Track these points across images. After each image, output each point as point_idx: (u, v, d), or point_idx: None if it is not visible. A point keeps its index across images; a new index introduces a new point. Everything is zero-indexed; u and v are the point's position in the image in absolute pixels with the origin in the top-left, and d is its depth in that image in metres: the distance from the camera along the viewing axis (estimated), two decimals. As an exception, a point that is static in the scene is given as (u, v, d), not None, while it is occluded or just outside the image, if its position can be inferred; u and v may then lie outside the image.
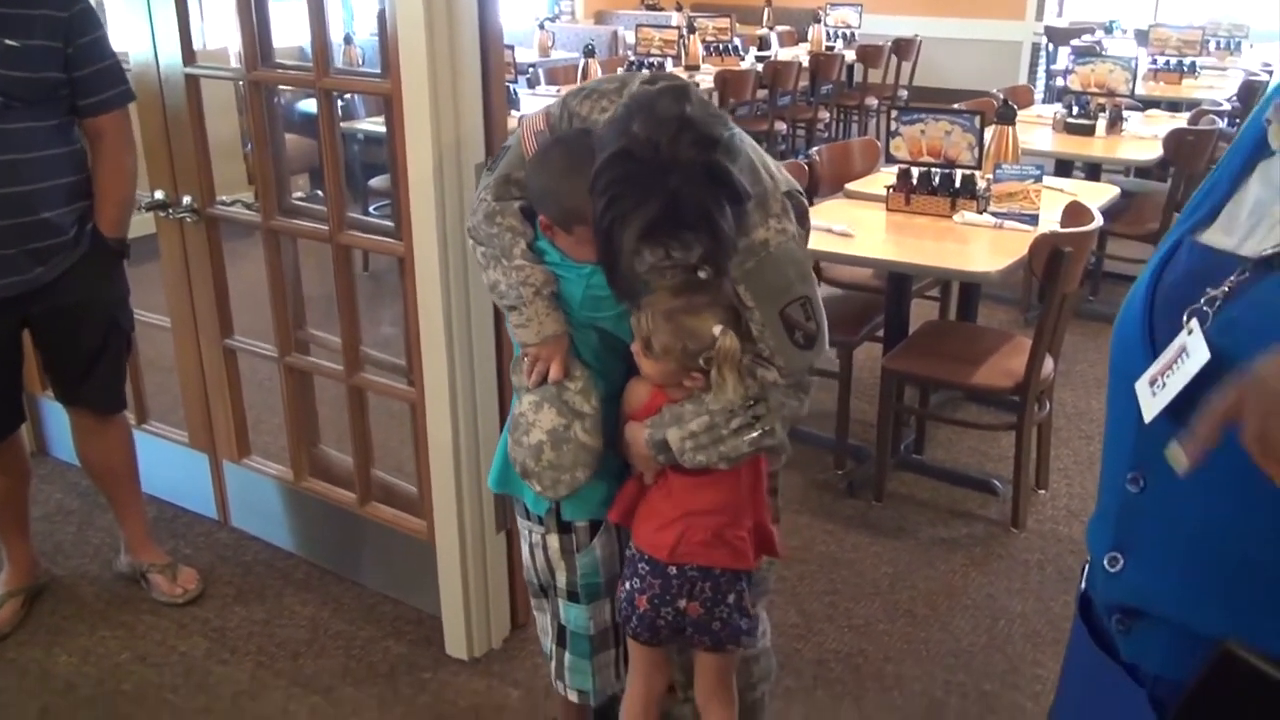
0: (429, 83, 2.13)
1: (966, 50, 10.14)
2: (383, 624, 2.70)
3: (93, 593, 2.83)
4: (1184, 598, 0.92)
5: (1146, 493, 0.94)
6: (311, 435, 2.96)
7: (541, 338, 1.66)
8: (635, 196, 1.40)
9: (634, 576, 1.74)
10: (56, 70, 2.31)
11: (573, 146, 1.60)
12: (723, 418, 1.60)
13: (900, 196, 3.50)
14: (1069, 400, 4.01)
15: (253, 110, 2.58)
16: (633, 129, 1.40)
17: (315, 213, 2.66)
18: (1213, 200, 0.97)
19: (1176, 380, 0.88)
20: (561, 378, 1.68)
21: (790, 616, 2.73)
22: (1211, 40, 7.47)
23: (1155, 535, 0.94)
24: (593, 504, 1.78)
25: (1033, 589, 2.87)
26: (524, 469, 1.73)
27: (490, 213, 1.69)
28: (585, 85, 1.70)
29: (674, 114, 1.40)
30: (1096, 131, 4.85)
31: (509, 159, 1.72)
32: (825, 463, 3.51)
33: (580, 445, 1.68)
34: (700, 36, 7.53)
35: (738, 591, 1.74)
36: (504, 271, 1.67)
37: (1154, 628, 0.95)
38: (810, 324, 1.61)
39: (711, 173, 1.41)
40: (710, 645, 1.76)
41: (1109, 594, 0.99)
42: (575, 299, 1.66)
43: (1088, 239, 3.02)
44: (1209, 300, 0.90)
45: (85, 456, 2.77)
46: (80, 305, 2.50)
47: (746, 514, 1.73)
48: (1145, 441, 0.93)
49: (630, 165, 1.40)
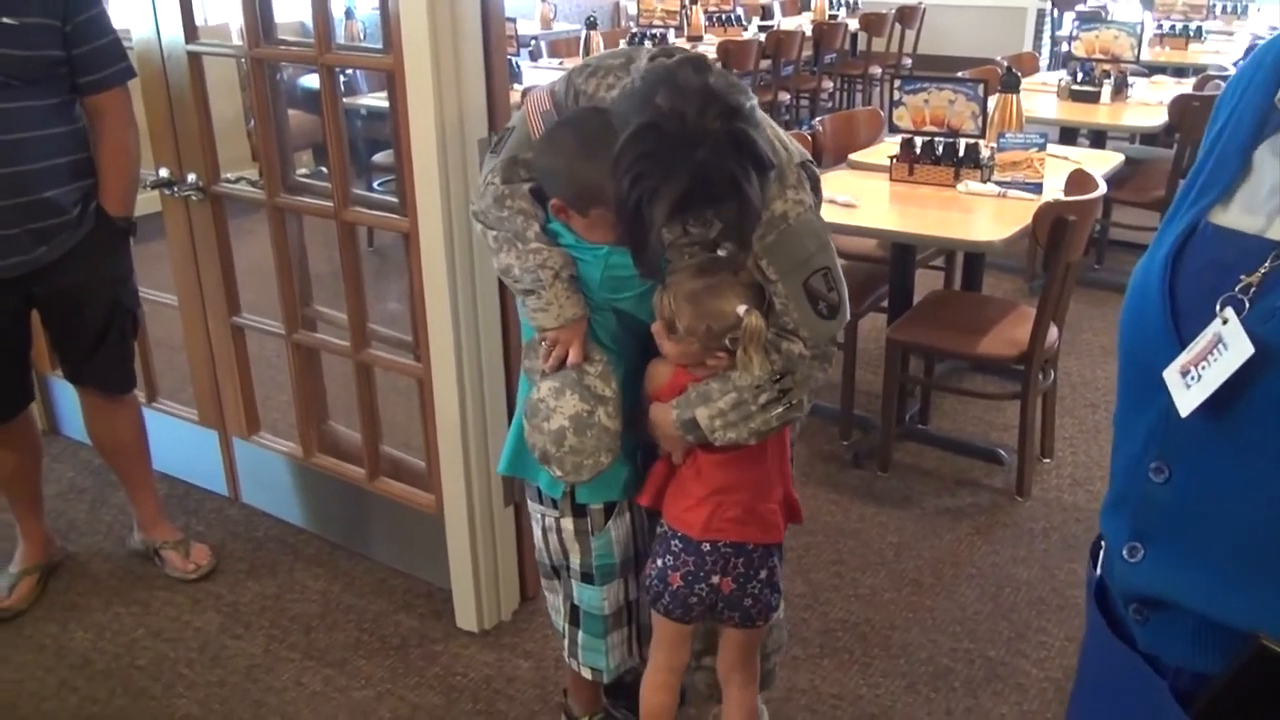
0: (431, 58, 2.13)
1: (970, 17, 10.06)
2: (393, 597, 2.72)
3: (106, 569, 2.86)
4: (1210, 589, 0.90)
5: (1171, 483, 0.92)
6: (320, 411, 2.98)
7: (562, 321, 1.64)
8: (663, 171, 1.37)
9: (666, 554, 1.75)
10: (55, 48, 2.31)
11: (584, 126, 1.57)
12: (750, 394, 1.60)
13: (904, 166, 3.50)
14: (1074, 369, 4.01)
15: (256, 87, 2.58)
16: (656, 101, 1.37)
17: (320, 189, 2.66)
18: (1224, 178, 0.94)
19: (1215, 373, 0.85)
20: (581, 361, 1.67)
21: (797, 586, 2.75)
22: (1217, 4, 7.41)
23: (1180, 526, 0.92)
24: (608, 485, 1.78)
25: (1038, 557, 2.89)
26: (544, 455, 1.71)
27: (499, 196, 1.66)
28: (589, 61, 1.67)
29: (698, 85, 1.37)
30: (1101, 98, 4.83)
31: (515, 140, 1.69)
32: (831, 433, 3.52)
33: (604, 429, 1.68)
34: (702, 7, 7.50)
35: (770, 567, 1.75)
36: (519, 255, 1.64)
37: (1176, 619, 0.93)
38: (833, 294, 1.61)
39: (738, 142, 1.39)
40: (740, 621, 1.78)
41: (1127, 584, 0.97)
42: (594, 281, 1.64)
43: (1092, 207, 3.01)
44: (1244, 288, 0.87)
45: (96, 435, 2.79)
46: (84, 284, 2.51)
47: (776, 486, 1.75)
48: (1173, 432, 0.90)
49: (656, 138, 1.37)
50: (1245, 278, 0.87)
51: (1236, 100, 0.97)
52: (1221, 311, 0.86)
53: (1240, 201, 0.92)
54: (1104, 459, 3.39)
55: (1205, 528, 0.90)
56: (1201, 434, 0.88)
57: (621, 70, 1.60)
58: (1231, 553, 0.88)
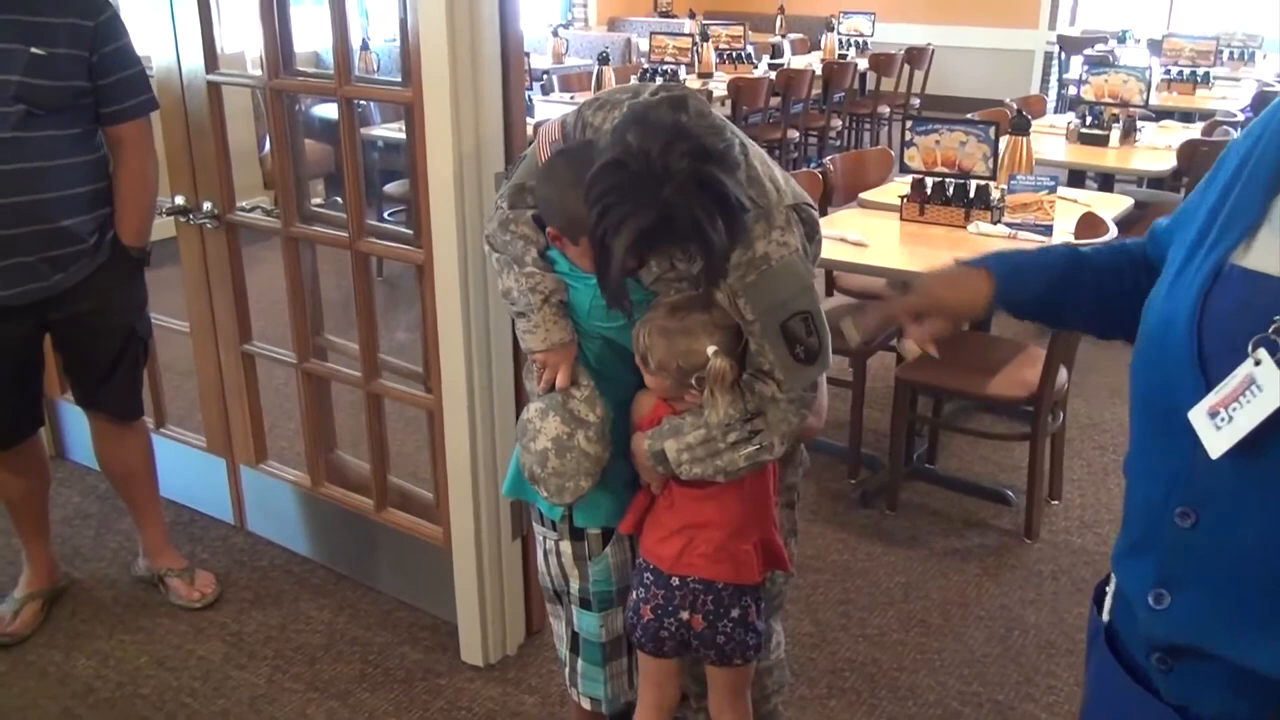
0: (450, 91, 2.15)
1: (979, 59, 10.15)
2: (399, 630, 2.71)
3: (111, 596, 2.85)
4: (1245, 636, 0.88)
5: (1200, 528, 0.90)
6: (328, 441, 2.98)
7: (548, 344, 1.69)
8: (627, 206, 1.39)
9: (640, 586, 1.75)
10: (81, 79, 2.33)
11: (577, 157, 1.59)
12: (719, 431, 1.60)
13: (914, 206, 3.51)
14: (1082, 411, 4.01)
15: (274, 118, 2.60)
16: (627, 138, 1.39)
17: (334, 219, 2.68)
18: (1245, 221, 0.94)
19: (1248, 415, 0.84)
20: (567, 385, 1.70)
21: (804, 626, 2.74)
22: (1225, 50, 7.46)
23: (1210, 572, 0.91)
24: (604, 512, 1.79)
25: (1046, 600, 2.88)
26: (531, 474, 1.75)
27: (504, 220, 1.71)
28: (600, 94, 1.70)
29: (667, 123, 1.38)
30: (1110, 142, 4.86)
31: (524, 167, 1.73)
32: (839, 472, 3.52)
33: (583, 453, 1.69)
34: (713, 44, 7.55)
35: (742, 607, 1.73)
36: (516, 278, 1.69)
37: (1207, 667, 0.92)
38: (812, 339, 1.59)
39: (703, 184, 1.39)
40: (716, 659, 1.76)
41: (1153, 632, 0.96)
42: (583, 308, 1.69)
43: (1103, 250, 3.02)
44: (1277, 329, 0.86)
45: (105, 461, 2.79)
46: (99, 312, 2.52)
47: (752, 529, 1.73)
48: (1201, 475, 0.89)
49: (622, 175, 1.39)
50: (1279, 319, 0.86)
51: (1252, 145, 0.96)
52: (1254, 352, 0.86)
53: (1264, 244, 0.92)
54: (1112, 502, 3.38)
55: (1237, 573, 0.89)
56: (1232, 477, 0.87)
57: (627, 105, 1.62)
58: (1263, 599, 0.87)
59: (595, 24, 10.69)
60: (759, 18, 9.98)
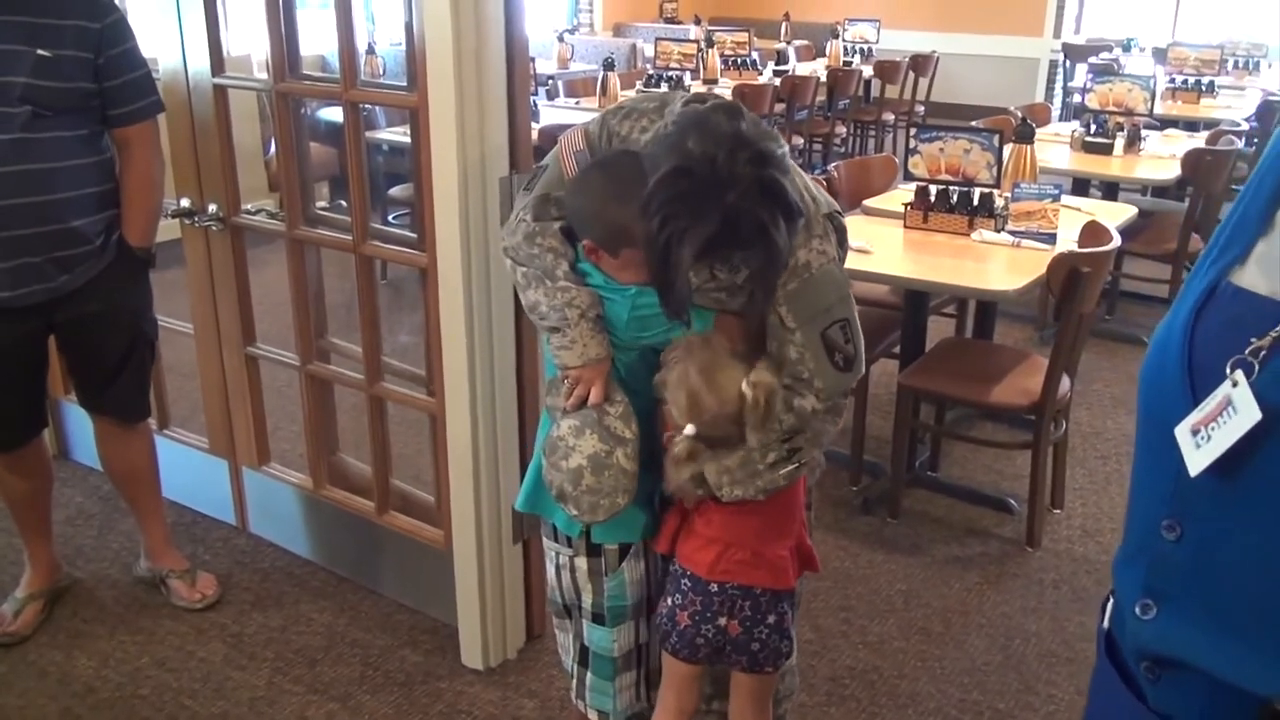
0: (455, 96, 2.15)
1: (984, 66, 10.15)
2: (399, 633, 2.71)
3: (112, 597, 2.85)
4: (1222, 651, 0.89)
5: (1184, 542, 0.91)
6: (331, 443, 2.99)
7: (585, 360, 1.65)
8: (692, 213, 1.39)
9: (676, 592, 1.75)
10: (87, 81, 2.34)
11: (616, 168, 1.59)
12: (759, 453, 1.60)
13: (918, 214, 3.51)
14: (1085, 420, 4.01)
15: (280, 121, 2.60)
16: (687, 146, 1.40)
17: (338, 222, 2.69)
18: (1244, 239, 0.94)
19: (1224, 435, 0.85)
20: (601, 401, 1.67)
21: (805, 633, 2.73)
22: (1230, 59, 7.46)
23: (1192, 586, 0.92)
24: (624, 527, 1.77)
25: (1048, 609, 2.87)
26: (561, 493, 1.71)
27: (530, 234, 1.67)
28: (624, 104, 1.69)
29: (729, 131, 1.40)
30: (1115, 150, 4.85)
31: (547, 178, 1.70)
32: (840, 479, 3.51)
33: (621, 470, 1.66)
34: (719, 50, 7.56)
35: (779, 613, 1.74)
36: (547, 293, 1.65)
37: (1189, 679, 0.92)
38: (849, 346, 1.62)
39: (767, 188, 1.41)
40: (747, 666, 1.76)
41: (1139, 641, 0.97)
42: (621, 320, 1.65)
43: (1106, 259, 3.02)
44: (1254, 351, 0.87)
45: (108, 462, 2.79)
46: (105, 313, 2.53)
47: (788, 534, 1.74)
48: (1185, 490, 0.90)
49: (687, 182, 1.39)
50: (1255, 341, 0.87)
51: (1267, 159, 0.97)
52: (1231, 374, 0.87)
53: (1257, 261, 0.92)
54: (1114, 511, 3.37)
55: (1216, 589, 0.89)
56: (1211, 494, 0.88)
57: (655, 114, 1.62)
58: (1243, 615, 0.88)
59: (601, 29, 10.71)
60: (764, 24, 9.99)
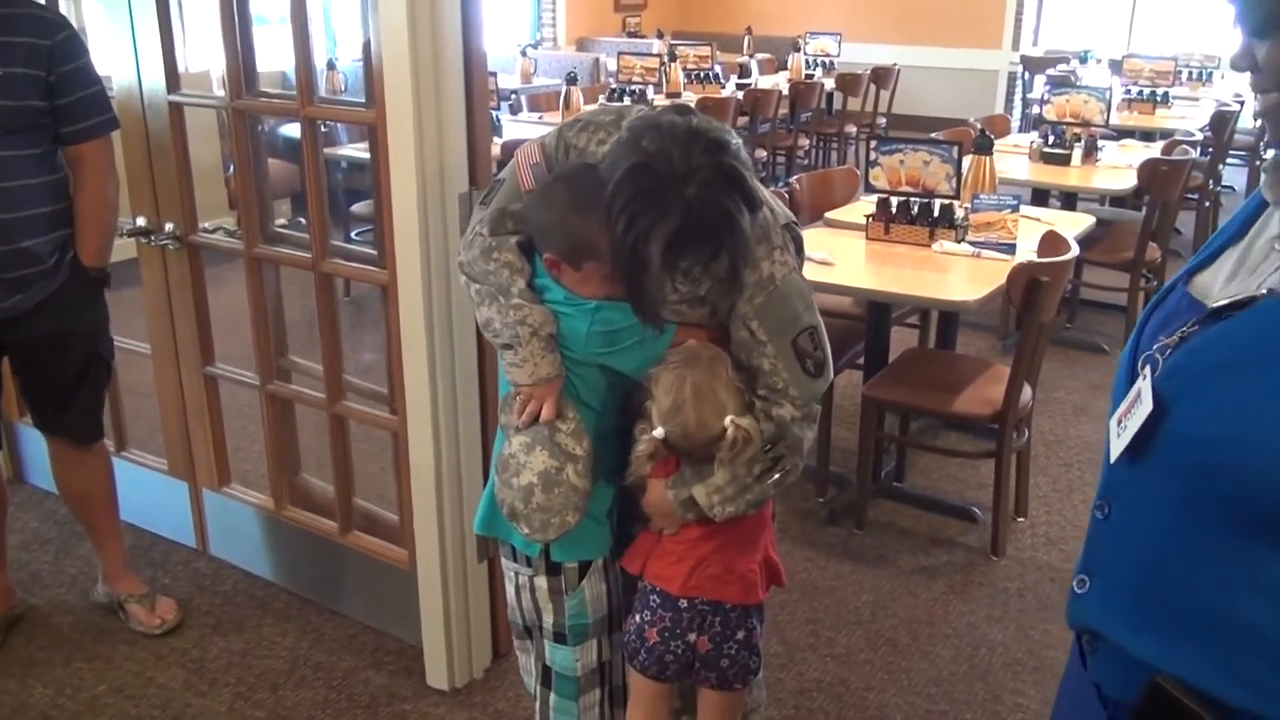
0: (413, 112, 2.14)
1: (944, 79, 10.26)
2: (363, 654, 2.68)
3: (69, 623, 2.80)
4: (1128, 624, 0.95)
5: (1109, 520, 0.99)
6: (292, 463, 2.95)
7: (535, 379, 1.64)
8: (656, 209, 1.41)
9: (644, 609, 1.73)
10: (39, 98, 2.31)
11: (577, 180, 1.59)
12: (744, 468, 1.62)
13: (880, 225, 3.53)
14: (1047, 428, 4.04)
15: (236, 138, 2.58)
16: (643, 145, 1.42)
17: (298, 240, 2.66)
18: (1214, 246, 1.00)
19: (1132, 424, 0.93)
20: (553, 418, 1.66)
21: (772, 646, 2.73)
22: (1183, 71, 7.58)
23: (1112, 561, 0.99)
24: (583, 545, 1.75)
25: (1013, 617, 2.89)
26: (512, 510, 1.70)
27: (486, 249, 1.66)
28: (581, 117, 1.69)
29: (683, 126, 1.43)
30: (1072, 161, 4.91)
31: (504, 192, 1.69)
32: (806, 490, 3.52)
33: (571, 488, 1.66)
34: (681, 64, 7.59)
35: (748, 629, 1.73)
36: (500, 310, 1.64)
37: (1111, 651, 0.98)
38: (818, 352, 1.64)
39: (726, 176, 1.43)
40: (717, 683, 1.75)
41: (1075, 615, 1.04)
42: (580, 335, 1.63)
43: (1065, 268, 3.05)
44: (1161, 348, 0.94)
45: (63, 484, 2.75)
46: (59, 334, 2.49)
47: (757, 547, 1.74)
48: (1111, 474, 0.98)
49: (646, 179, 1.41)
50: (1164, 339, 0.94)
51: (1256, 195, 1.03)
52: (1142, 369, 0.94)
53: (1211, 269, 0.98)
54: (1077, 519, 3.40)
55: (1128, 566, 0.96)
56: (1127, 478, 0.96)
57: (613, 126, 1.62)
58: (1145, 592, 0.94)
59: (564, 44, 10.72)
60: (726, 38, 10.04)
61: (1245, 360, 0.86)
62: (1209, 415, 0.87)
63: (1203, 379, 0.89)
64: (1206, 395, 0.87)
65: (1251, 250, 0.94)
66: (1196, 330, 0.92)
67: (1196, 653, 0.89)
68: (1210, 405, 0.87)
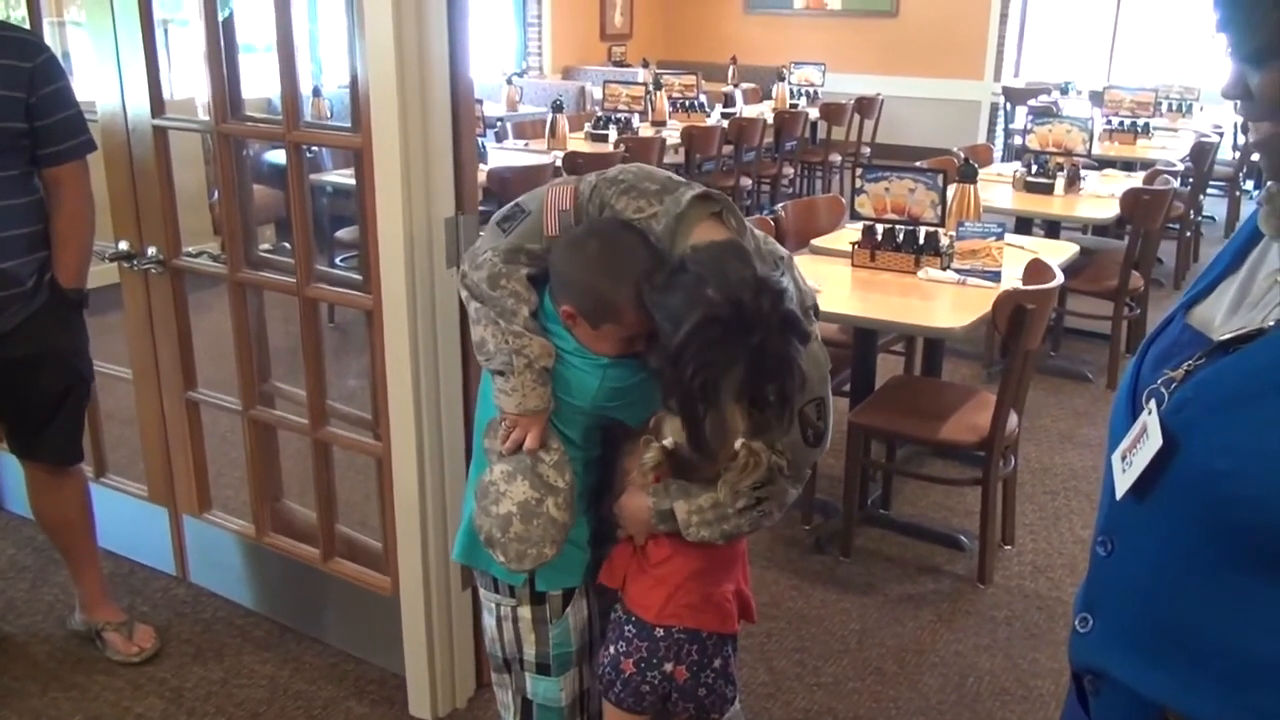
0: (400, 137, 2.13)
1: (927, 109, 10.35)
2: (345, 683, 2.64)
3: (45, 651, 2.75)
4: (1135, 663, 0.94)
5: (1112, 557, 0.97)
6: (274, 489, 2.92)
7: (523, 410, 1.63)
8: (724, 359, 1.45)
9: (620, 639, 1.71)
10: (18, 120, 2.29)
11: (612, 240, 1.59)
12: (729, 498, 1.62)
13: (865, 253, 3.54)
14: (1033, 455, 4.04)
15: (221, 163, 2.57)
16: (708, 294, 1.45)
17: (282, 265, 2.64)
18: (1209, 277, 0.99)
19: (1139, 460, 0.92)
20: (537, 448, 1.64)
21: (759, 674, 2.71)
22: (1164, 102, 7.66)
23: (1116, 600, 0.97)
24: (566, 571, 1.74)
25: (1000, 645, 2.87)
26: (489, 538, 1.68)
27: (495, 274, 1.64)
28: (623, 176, 1.65)
29: (749, 275, 1.47)
30: (1055, 190, 4.95)
31: (525, 229, 1.66)
32: (793, 518, 3.50)
33: (550, 520, 1.65)
34: (667, 93, 7.63)
35: (724, 657, 1.72)
36: (497, 334, 1.62)
37: (1116, 691, 0.96)
38: (820, 423, 1.66)
39: (787, 324, 1.48)
40: (695, 713, 1.73)
41: (1078, 654, 1.02)
42: (589, 390, 1.63)
43: (1050, 296, 3.06)
44: (1166, 382, 0.93)
45: (40, 510, 2.71)
46: (38, 356, 2.46)
47: (731, 577, 1.72)
48: (1115, 510, 0.97)
49: (715, 330, 1.45)
50: (1169, 372, 0.93)
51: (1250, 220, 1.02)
52: (1146, 403, 0.93)
53: (1210, 300, 0.98)
54: (1064, 547, 3.39)
55: (1133, 603, 0.95)
56: (1132, 515, 0.94)
57: (655, 198, 1.61)
58: (1152, 629, 0.93)
59: (550, 72, 10.77)
60: (711, 68, 10.11)
61: (1256, 393, 0.85)
62: (1221, 450, 0.86)
63: (1213, 413, 0.88)
64: (1218, 430, 0.86)
65: (1253, 282, 0.94)
66: (1203, 364, 0.91)
67: (1208, 690, 0.88)
68: (1222, 440, 0.86)
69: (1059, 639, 2.86)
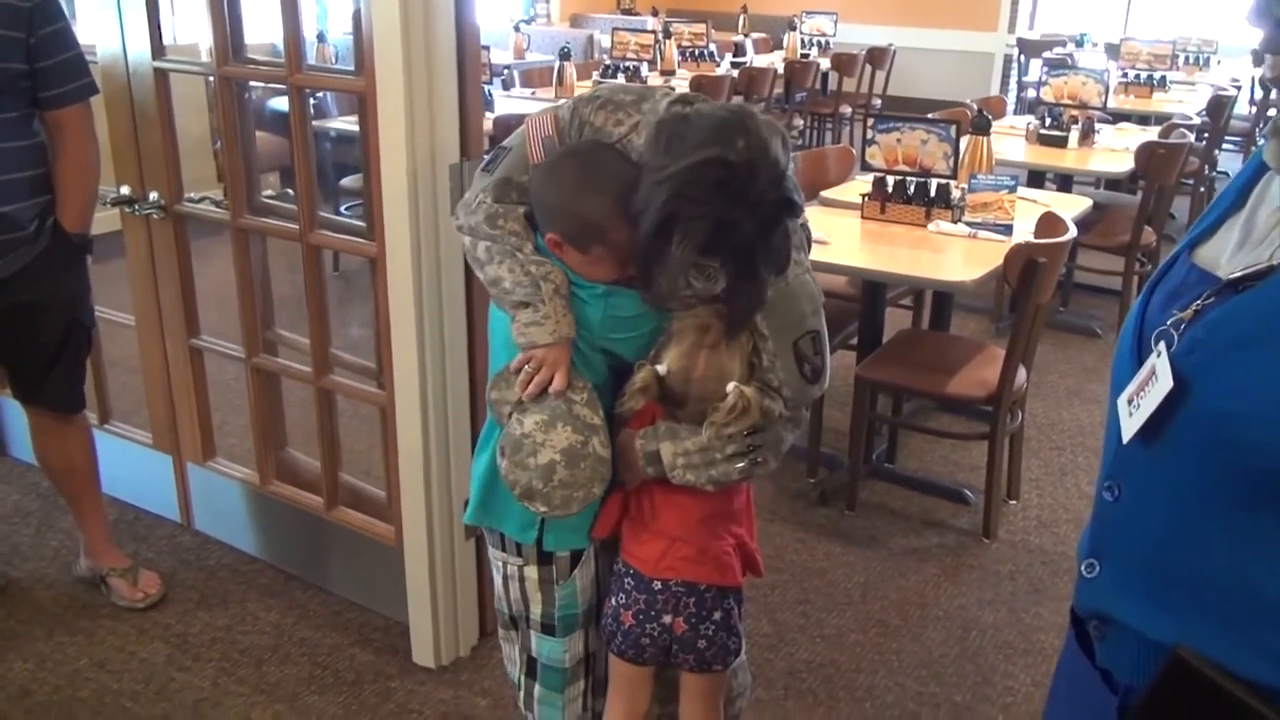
0: (404, 82, 2.09)
1: (940, 60, 10.20)
2: (348, 631, 2.65)
3: (50, 597, 2.77)
4: (1144, 607, 0.94)
5: (1119, 502, 0.97)
6: (278, 438, 2.91)
7: (557, 337, 1.56)
8: (711, 203, 1.38)
9: (620, 591, 1.71)
10: (18, 61, 2.25)
11: (588, 159, 1.53)
12: (719, 442, 1.57)
13: (876, 205, 3.50)
14: (1040, 411, 4.02)
15: (223, 106, 2.53)
16: (736, 142, 1.37)
17: (286, 211, 2.61)
18: (1212, 216, 0.97)
19: (1148, 402, 0.90)
20: (564, 388, 1.58)
21: (762, 626, 2.71)
22: (1181, 55, 7.55)
23: (1124, 545, 0.97)
24: (575, 532, 1.72)
25: (1004, 600, 2.87)
26: (528, 491, 1.62)
27: (491, 215, 1.59)
28: (599, 93, 1.61)
29: (772, 154, 1.39)
30: (1069, 143, 4.88)
31: (510, 161, 1.62)
32: (798, 471, 3.50)
33: (598, 459, 1.60)
34: (676, 41, 7.53)
35: (725, 609, 1.70)
36: (514, 266, 1.56)
37: (1123, 635, 0.96)
38: (817, 358, 1.60)
39: (773, 225, 1.43)
40: (695, 665, 1.72)
41: (1085, 600, 1.02)
42: (594, 321, 1.58)
43: (1062, 250, 3.02)
44: (1175, 323, 0.91)
45: (44, 457, 2.71)
46: (40, 302, 2.44)
47: (732, 531, 1.71)
48: (1122, 455, 0.96)
49: (720, 173, 1.37)
50: (1178, 313, 0.91)
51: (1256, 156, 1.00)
52: (1156, 345, 0.91)
53: (1215, 239, 0.96)
54: (1069, 502, 3.39)
55: (1142, 548, 0.94)
56: (1140, 459, 0.93)
57: (633, 108, 1.56)
58: (1161, 573, 0.93)
59: (558, 20, 10.64)
60: (721, 16, 9.97)
61: (1270, 332, 0.83)
62: (1234, 391, 0.84)
63: (1226, 354, 0.86)
64: (1231, 370, 0.85)
65: (1256, 219, 0.92)
66: (1213, 303, 0.89)
67: (1219, 631, 0.87)
68: (1235, 380, 0.84)
69: (1063, 594, 2.86)
